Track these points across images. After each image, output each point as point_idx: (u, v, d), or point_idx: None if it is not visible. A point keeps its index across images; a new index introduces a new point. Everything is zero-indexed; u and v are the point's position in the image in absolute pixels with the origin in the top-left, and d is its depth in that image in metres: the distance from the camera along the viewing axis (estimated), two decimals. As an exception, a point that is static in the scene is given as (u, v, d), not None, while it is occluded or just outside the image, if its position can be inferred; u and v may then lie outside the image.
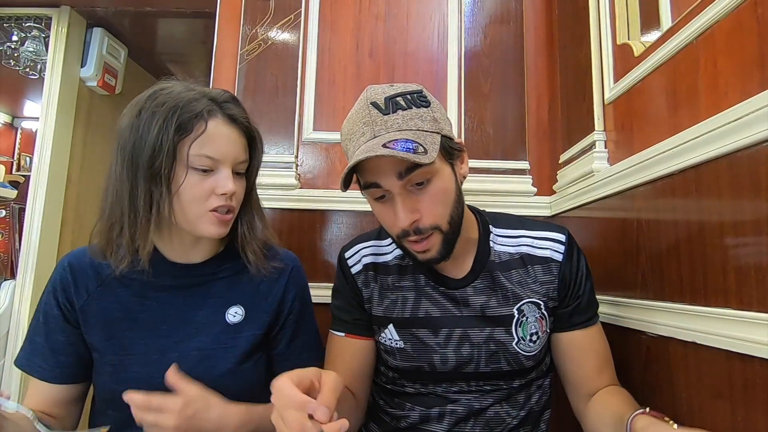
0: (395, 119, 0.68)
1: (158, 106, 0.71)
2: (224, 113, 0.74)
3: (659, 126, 0.78)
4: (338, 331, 0.84)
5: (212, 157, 0.72)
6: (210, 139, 0.72)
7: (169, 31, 2.13)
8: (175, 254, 0.79)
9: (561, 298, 0.78)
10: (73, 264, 0.78)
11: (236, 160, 0.75)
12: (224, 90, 0.79)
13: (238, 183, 0.76)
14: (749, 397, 0.57)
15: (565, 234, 0.80)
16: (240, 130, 0.76)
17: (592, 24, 1.02)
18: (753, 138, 0.55)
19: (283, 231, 1.22)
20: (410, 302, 0.80)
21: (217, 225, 0.74)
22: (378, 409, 0.86)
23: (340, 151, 1.27)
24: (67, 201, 1.94)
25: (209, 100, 0.74)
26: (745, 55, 0.59)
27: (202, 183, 0.72)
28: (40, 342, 0.77)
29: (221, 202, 0.73)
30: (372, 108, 0.69)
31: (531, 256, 0.79)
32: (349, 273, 0.85)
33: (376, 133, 0.68)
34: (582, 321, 0.78)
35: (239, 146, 0.76)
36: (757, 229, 0.55)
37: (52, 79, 1.88)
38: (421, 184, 0.68)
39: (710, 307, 0.63)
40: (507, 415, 0.78)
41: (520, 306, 0.77)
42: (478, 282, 0.79)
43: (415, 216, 0.69)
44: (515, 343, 0.76)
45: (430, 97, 0.72)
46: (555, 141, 1.24)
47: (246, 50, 1.28)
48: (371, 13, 1.31)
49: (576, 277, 0.78)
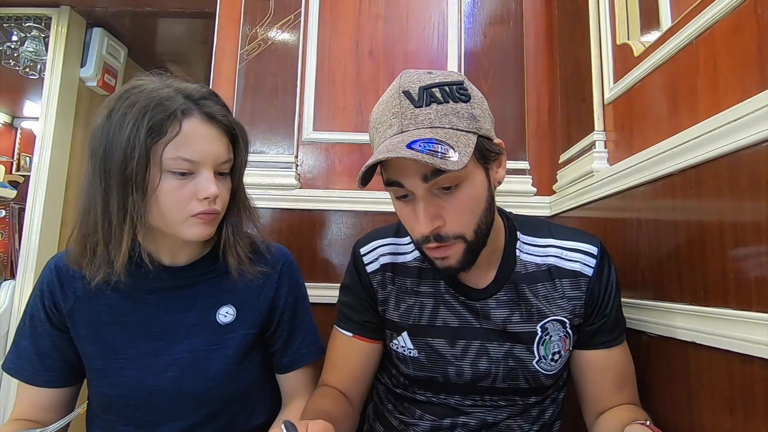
0: (427, 114, 0.61)
1: (129, 107, 0.65)
2: (201, 111, 0.69)
3: (659, 126, 0.78)
4: (346, 330, 0.80)
5: (190, 160, 0.67)
6: (186, 141, 0.67)
7: (169, 31, 2.13)
8: (162, 256, 0.76)
9: (587, 316, 0.73)
10: (60, 267, 0.75)
11: (217, 161, 0.70)
12: (202, 84, 0.73)
13: (222, 184, 0.72)
14: (749, 397, 0.57)
15: (598, 246, 0.73)
16: (220, 127, 0.71)
17: (592, 24, 1.02)
18: (753, 138, 0.55)
19: (283, 231, 1.22)
20: (428, 309, 0.75)
21: (201, 226, 0.70)
22: (385, 410, 0.83)
23: (340, 151, 1.27)
24: (66, 201, 1.94)
25: (184, 97, 0.68)
26: (745, 55, 0.59)
27: (181, 188, 0.67)
28: (27, 346, 0.75)
29: (203, 207, 0.68)
30: (403, 98, 0.62)
31: (559, 269, 0.73)
32: (364, 271, 0.79)
33: (404, 127, 0.61)
34: (605, 341, 0.73)
35: (220, 145, 0.70)
36: (757, 229, 0.55)
37: (52, 79, 1.88)
38: (449, 188, 0.62)
39: (710, 307, 0.63)
40: (519, 429, 0.75)
41: (544, 324, 0.72)
42: (501, 294, 0.73)
43: (437, 222, 0.63)
44: (536, 361, 0.72)
45: (471, 90, 0.65)
46: (555, 141, 1.24)
47: (246, 50, 1.28)
48: (371, 13, 1.31)
49: (605, 294, 0.72)
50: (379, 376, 0.85)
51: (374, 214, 1.21)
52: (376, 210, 1.21)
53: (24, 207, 1.91)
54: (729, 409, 0.60)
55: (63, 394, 0.77)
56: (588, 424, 0.77)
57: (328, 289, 1.14)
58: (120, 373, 0.73)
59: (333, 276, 1.20)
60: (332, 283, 1.18)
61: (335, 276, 1.20)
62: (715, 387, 0.63)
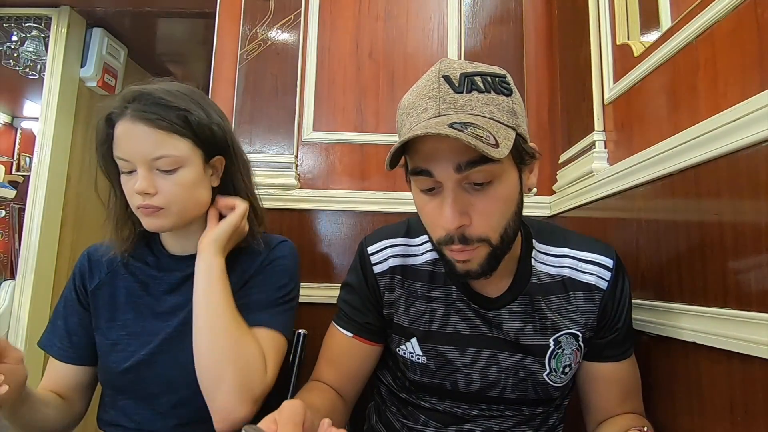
0: (468, 100, 0.57)
1: (97, 117, 0.77)
2: (131, 112, 0.73)
3: (659, 126, 0.78)
4: (346, 330, 0.77)
5: (123, 159, 0.74)
6: (119, 141, 0.74)
7: (169, 31, 2.13)
8: (172, 245, 0.85)
9: (598, 329, 0.71)
10: (91, 253, 0.87)
11: (147, 158, 0.73)
12: (141, 87, 0.76)
13: (164, 180, 0.74)
14: (749, 397, 0.57)
15: (613, 258, 0.71)
16: (151, 125, 0.73)
17: (592, 24, 1.02)
18: (753, 138, 0.55)
19: (283, 231, 1.21)
20: (438, 315, 0.72)
21: (147, 218, 0.76)
22: (388, 411, 0.82)
23: (340, 151, 1.27)
24: (66, 201, 1.94)
25: (120, 101, 0.75)
26: (745, 55, 0.59)
27: (126, 183, 0.76)
28: (60, 325, 0.84)
29: (140, 201, 0.74)
30: (443, 82, 0.58)
31: (573, 281, 0.70)
32: (371, 272, 0.76)
33: (442, 111, 0.57)
34: (615, 355, 0.71)
35: (149, 143, 0.73)
36: (757, 229, 0.55)
37: (52, 79, 1.88)
38: (481, 185, 0.58)
39: (710, 307, 0.63)
40: None
41: (557, 337, 0.70)
42: (516, 305, 0.71)
43: (464, 220, 0.59)
44: (546, 374, 0.70)
45: (512, 86, 0.61)
46: (555, 141, 1.24)
47: (246, 50, 1.28)
48: (371, 14, 1.31)
49: (618, 308, 0.70)
50: (381, 376, 0.84)
51: (374, 214, 1.21)
52: (376, 210, 1.21)
53: (24, 207, 1.91)
54: (729, 409, 0.60)
55: (84, 373, 0.83)
56: (588, 430, 0.76)
57: (329, 289, 1.14)
58: (126, 348, 0.79)
59: (333, 276, 1.20)
60: (332, 283, 1.18)
61: (335, 276, 1.20)
62: (715, 387, 0.63)
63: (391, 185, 1.23)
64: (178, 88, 0.78)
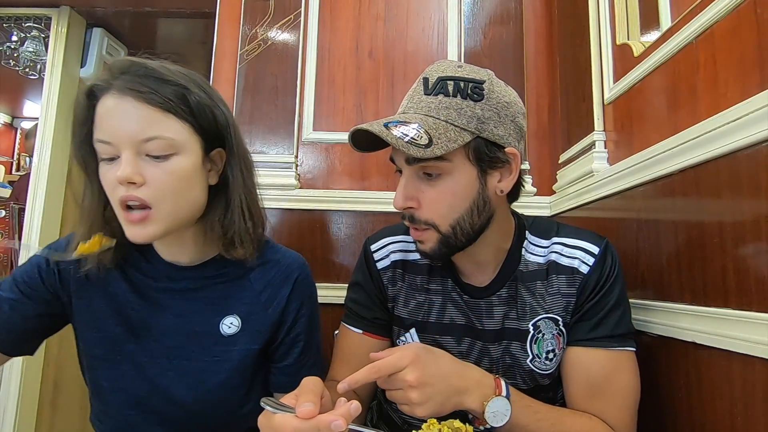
0: (430, 102, 0.64)
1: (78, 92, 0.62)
2: (117, 86, 0.60)
3: (659, 126, 0.78)
4: (355, 327, 0.80)
5: (105, 141, 0.60)
6: (101, 120, 0.60)
7: (169, 31, 2.13)
8: (164, 252, 0.73)
9: (574, 312, 0.71)
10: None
11: (136, 138, 0.60)
12: (129, 58, 0.65)
13: (153, 168, 0.61)
14: (749, 397, 0.57)
15: (600, 246, 0.71)
16: (144, 99, 0.60)
17: (592, 24, 1.02)
18: (753, 138, 0.55)
19: (283, 231, 1.22)
20: (437, 306, 0.76)
21: (131, 227, 0.62)
22: (389, 408, 0.83)
23: (340, 150, 1.27)
24: (66, 201, 1.93)
25: (107, 71, 0.62)
26: (744, 55, 0.59)
27: (107, 174, 0.61)
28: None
29: (122, 193, 0.60)
30: (421, 83, 0.67)
31: (557, 265, 0.72)
32: (375, 268, 0.80)
33: (405, 109, 0.66)
34: (580, 339, 0.69)
35: (138, 120, 0.60)
36: (757, 229, 0.55)
37: (52, 79, 1.88)
38: (430, 176, 0.65)
39: (710, 307, 0.63)
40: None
41: (536, 322, 0.71)
42: (503, 291, 0.73)
43: (411, 203, 0.66)
44: (530, 360, 0.71)
45: (490, 92, 0.64)
46: (555, 141, 1.24)
47: (246, 50, 1.28)
48: (371, 14, 1.31)
49: (595, 294, 0.69)
50: None
51: (374, 214, 1.21)
52: (376, 210, 1.21)
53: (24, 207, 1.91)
54: (729, 409, 0.60)
55: None
56: None
57: (328, 289, 1.14)
58: (117, 366, 0.70)
59: (333, 276, 1.20)
60: (332, 283, 1.18)
61: (335, 276, 1.20)
62: (716, 387, 0.63)
63: (391, 185, 1.23)
64: (178, 68, 0.68)
